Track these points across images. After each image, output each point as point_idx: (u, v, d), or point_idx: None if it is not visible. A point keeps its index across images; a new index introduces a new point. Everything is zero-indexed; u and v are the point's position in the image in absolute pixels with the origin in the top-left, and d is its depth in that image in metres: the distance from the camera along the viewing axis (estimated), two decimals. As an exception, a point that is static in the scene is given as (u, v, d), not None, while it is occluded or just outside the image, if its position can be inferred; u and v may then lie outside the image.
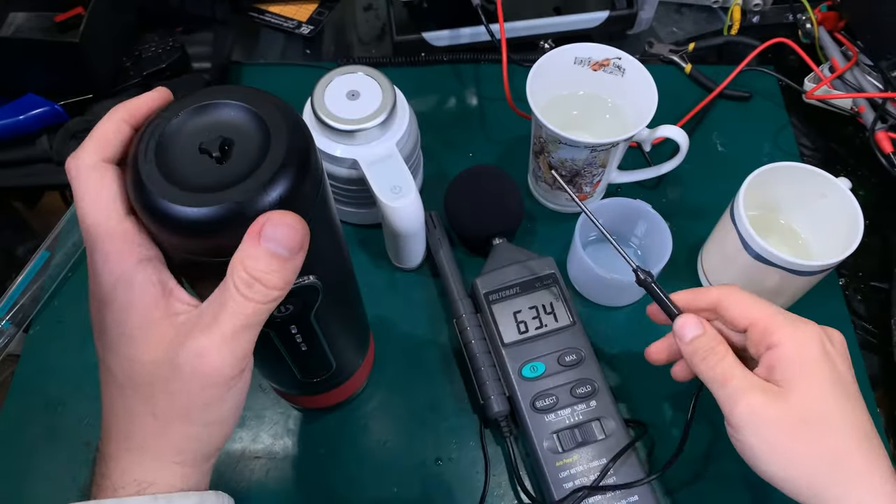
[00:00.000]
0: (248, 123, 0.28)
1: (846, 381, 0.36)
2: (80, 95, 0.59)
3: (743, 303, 0.38)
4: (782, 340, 0.36)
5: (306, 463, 0.47)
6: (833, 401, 0.35)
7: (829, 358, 0.36)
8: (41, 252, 0.55)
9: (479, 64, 0.68)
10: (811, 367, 0.35)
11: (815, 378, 0.35)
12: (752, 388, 0.36)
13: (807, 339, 0.36)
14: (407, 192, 0.47)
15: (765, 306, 0.38)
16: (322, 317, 0.35)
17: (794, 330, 0.36)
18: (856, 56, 0.63)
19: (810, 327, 0.36)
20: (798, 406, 0.35)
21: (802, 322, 0.37)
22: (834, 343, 0.37)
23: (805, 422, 0.35)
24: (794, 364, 0.35)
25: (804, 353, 0.36)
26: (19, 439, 0.48)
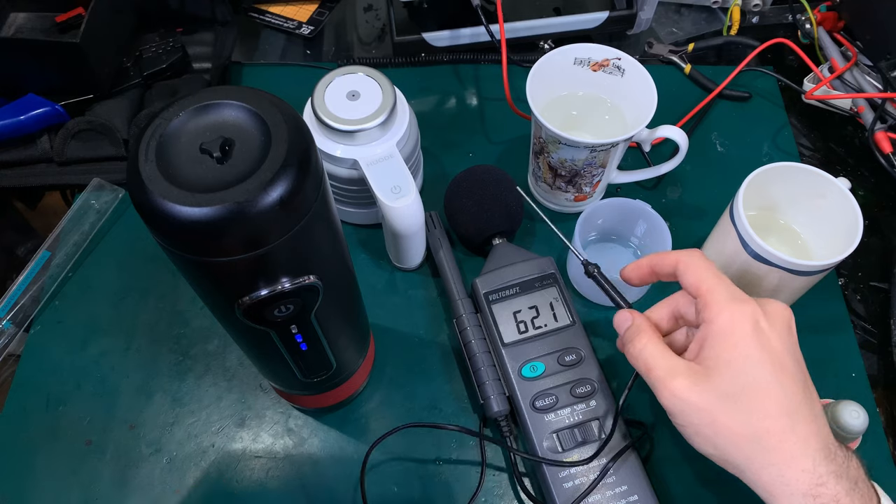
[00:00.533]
0: (249, 124, 0.28)
1: (778, 357, 0.35)
2: (80, 96, 0.60)
3: (694, 270, 0.38)
4: (713, 317, 0.36)
5: (306, 462, 0.48)
6: (760, 378, 0.34)
7: (759, 334, 0.35)
8: (42, 252, 0.55)
9: (479, 64, 0.68)
10: (737, 345, 0.35)
11: (741, 356, 0.35)
12: (673, 374, 0.36)
13: (737, 316, 0.35)
14: (407, 192, 0.47)
15: (711, 278, 0.37)
16: (322, 316, 0.35)
17: (727, 306, 0.36)
18: (855, 56, 0.63)
19: (744, 304, 0.36)
20: (721, 387, 0.35)
21: (739, 299, 0.36)
22: (772, 319, 0.36)
23: (728, 402, 0.34)
24: (719, 341, 0.35)
25: (731, 331, 0.35)
26: (20, 439, 0.48)
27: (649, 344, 0.38)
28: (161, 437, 0.48)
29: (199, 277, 0.30)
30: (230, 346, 0.52)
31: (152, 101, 0.62)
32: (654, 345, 0.38)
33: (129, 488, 0.46)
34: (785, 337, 0.36)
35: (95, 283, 0.55)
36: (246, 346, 0.39)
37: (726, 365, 0.35)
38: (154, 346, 0.52)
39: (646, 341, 0.38)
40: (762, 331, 0.35)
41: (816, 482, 0.33)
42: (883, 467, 0.47)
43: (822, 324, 0.53)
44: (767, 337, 0.35)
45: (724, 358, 0.35)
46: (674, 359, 0.37)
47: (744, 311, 0.36)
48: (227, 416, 0.49)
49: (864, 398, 0.49)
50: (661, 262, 0.41)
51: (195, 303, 0.54)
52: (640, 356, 0.38)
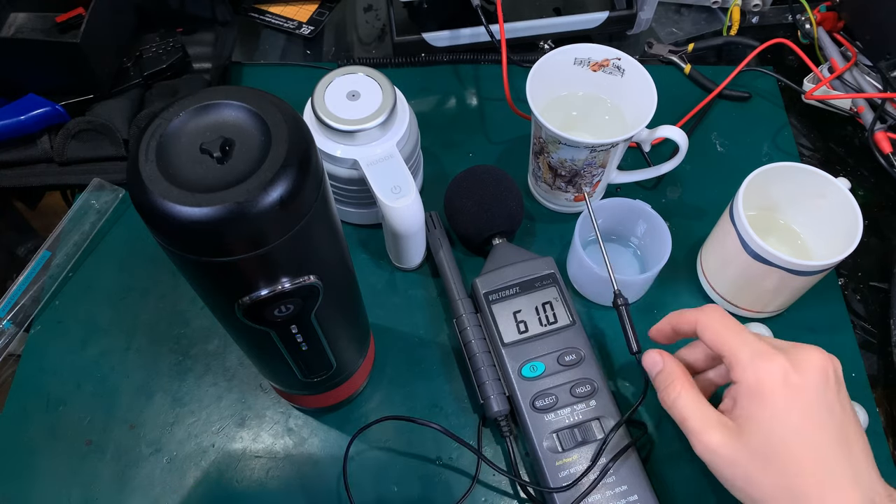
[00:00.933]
0: (249, 124, 0.28)
1: (812, 412, 0.34)
2: (80, 96, 0.60)
3: (713, 330, 0.38)
4: (740, 377, 0.36)
5: (306, 462, 0.48)
6: (792, 437, 0.34)
7: (788, 391, 0.34)
8: (42, 252, 0.56)
9: (479, 64, 0.68)
10: (766, 404, 0.34)
11: (770, 415, 0.34)
12: (706, 428, 0.36)
13: (762, 374, 0.35)
14: (407, 193, 0.47)
15: (731, 337, 0.37)
16: (322, 316, 0.35)
17: (754, 364, 0.35)
18: (855, 56, 0.63)
19: (771, 361, 0.35)
20: (754, 444, 0.34)
21: (766, 355, 0.35)
22: (803, 371, 0.35)
23: (763, 461, 0.34)
24: (749, 401, 0.35)
25: (759, 390, 0.35)
26: (20, 439, 0.48)
27: (683, 392, 0.38)
28: (161, 437, 0.48)
29: (199, 277, 0.30)
30: (230, 346, 0.52)
31: (152, 101, 0.62)
32: (687, 393, 0.38)
33: (129, 488, 0.46)
34: (818, 388, 0.35)
35: (95, 283, 0.55)
36: (246, 346, 0.39)
37: (756, 424, 0.34)
38: (154, 346, 0.52)
39: (679, 389, 0.38)
40: (792, 386, 0.34)
41: None
42: (883, 467, 0.47)
43: (822, 324, 0.53)
44: (797, 392, 0.34)
45: (754, 417, 0.35)
46: (708, 410, 0.37)
47: (770, 368, 0.35)
48: (227, 416, 0.49)
49: (864, 398, 0.49)
50: (680, 321, 0.40)
51: (195, 303, 0.54)
52: (675, 405, 0.38)
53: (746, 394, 0.35)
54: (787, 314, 0.53)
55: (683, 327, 0.40)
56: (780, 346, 0.36)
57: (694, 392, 0.38)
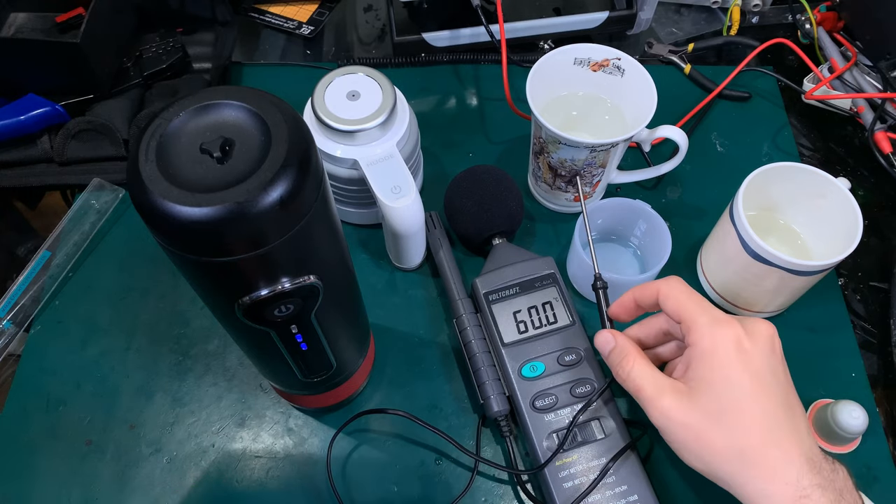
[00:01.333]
0: (249, 124, 0.28)
1: (759, 376, 0.36)
2: (80, 96, 0.60)
3: (675, 298, 0.40)
4: (696, 340, 0.38)
5: (306, 462, 0.48)
6: (742, 397, 0.36)
7: (741, 355, 0.36)
8: (42, 252, 0.56)
9: (479, 64, 0.68)
10: (719, 366, 0.36)
11: (724, 376, 0.36)
12: (660, 393, 0.38)
13: (718, 339, 0.37)
14: (407, 193, 0.47)
15: (692, 304, 0.39)
16: (322, 316, 0.35)
17: (709, 331, 0.37)
18: (855, 56, 0.63)
19: (726, 327, 0.37)
20: (705, 405, 0.36)
21: (720, 322, 0.38)
22: (754, 339, 0.37)
23: (713, 421, 0.36)
24: (703, 363, 0.37)
25: (714, 353, 0.37)
26: (20, 439, 0.48)
27: (636, 365, 0.40)
28: (161, 437, 0.48)
29: (199, 277, 0.30)
30: (230, 346, 0.52)
31: (152, 101, 0.62)
32: (640, 366, 0.40)
33: (129, 488, 0.46)
34: (767, 355, 0.37)
35: (95, 283, 0.55)
36: (246, 346, 0.39)
37: (709, 385, 0.37)
38: (154, 346, 0.52)
39: (633, 363, 0.40)
40: (744, 351, 0.37)
41: (800, 494, 0.34)
42: (883, 467, 0.47)
43: (822, 324, 0.53)
44: (749, 357, 0.37)
45: (706, 378, 0.37)
46: (660, 378, 0.39)
47: (725, 333, 0.37)
48: (227, 416, 0.49)
49: (864, 398, 0.49)
50: (643, 293, 0.42)
51: (195, 303, 0.54)
52: (629, 378, 0.40)
53: (701, 356, 0.37)
54: (787, 314, 0.53)
55: (646, 300, 0.42)
56: (734, 317, 0.38)
57: (646, 363, 0.40)
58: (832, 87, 0.64)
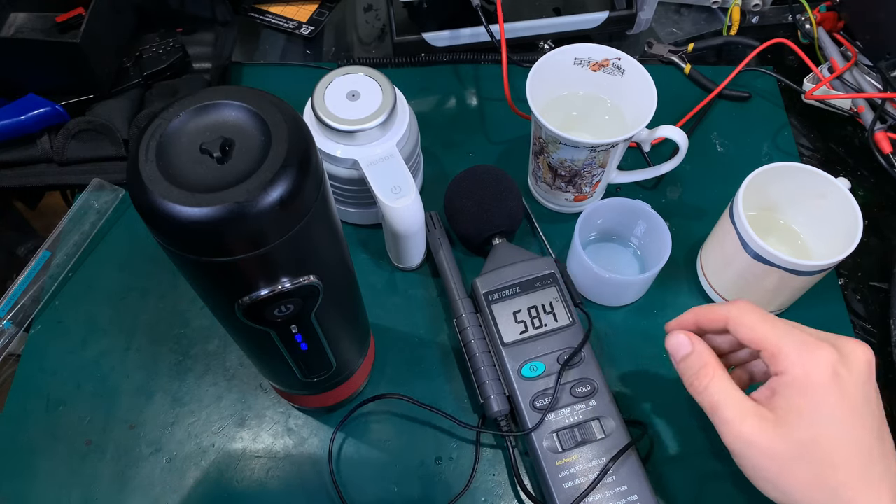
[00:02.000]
0: (249, 124, 0.28)
1: (855, 406, 0.33)
2: (80, 96, 0.60)
3: (750, 324, 0.36)
4: (786, 368, 0.34)
5: (306, 462, 0.48)
6: (836, 431, 0.33)
7: (838, 382, 0.33)
8: (42, 252, 0.56)
9: (479, 64, 0.68)
10: (813, 394, 0.33)
11: (816, 404, 0.33)
12: (743, 417, 0.35)
13: (813, 365, 0.34)
14: (407, 192, 0.47)
15: (772, 328, 0.35)
16: (322, 316, 0.35)
17: (801, 356, 0.34)
18: (855, 56, 0.63)
19: (820, 352, 0.34)
20: (795, 437, 0.33)
21: (812, 346, 0.34)
22: (850, 364, 0.34)
23: (802, 453, 0.33)
24: (794, 390, 0.34)
25: (807, 381, 0.34)
26: (20, 439, 0.48)
27: (716, 379, 0.36)
28: (161, 437, 0.48)
29: (199, 277, 0.30)
30: (230, 346, 0.52)
31: (152, 101, 0.62)
32: (720, 380, 0.36)
33: (129, 488, 0.46)
34: (863, 382, 0.34)
35: (95, 283, 0.55)
36: (246, 346, 0.39)
37: (799, 414, 0.33)
38: (154, 346, 0.52)
39: (712, 375, 0.37)
40: (840, 378, 0.33)
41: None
42: (883, 467, 0.47)
43: (822, 324, 0.52)
44: (845, 385, 0.33)
45: (797, 407, 0.33)
46: (743, 399, 0.35)
47: (819, 359, 0.34)
48: (227, 416, 0.49)
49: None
50: (707, 318, 0.39)
51: (195, 303, 0.54)
52: (706, 392, 0.36)
53: (792, 384, 0.34)
54: (787, 314, 0.53)
55: (711, 325, 0.39)
56: (824, 338, 0.35)
57: (727, 378, 0.36)
58: (832, 87, 0.64)
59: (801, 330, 0.36)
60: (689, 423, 0.48)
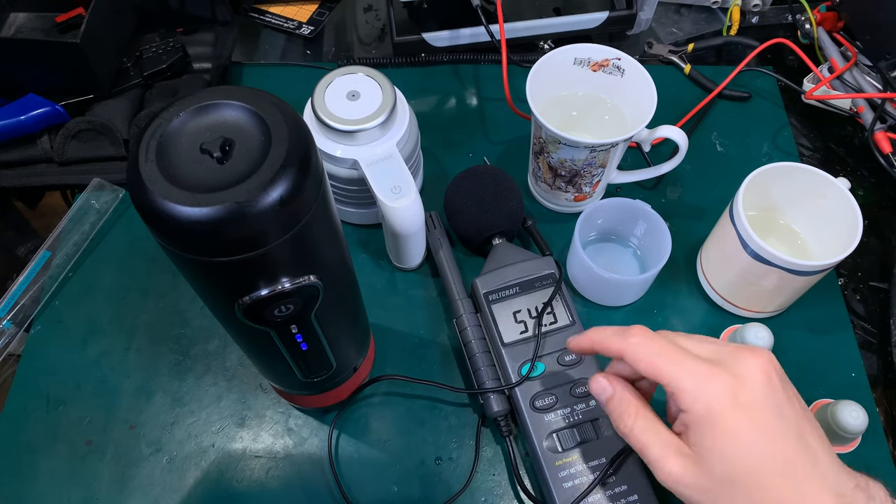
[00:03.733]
0: (249, 124, 0.28)
1: (768, 423, 0.33)
2: (80, 96, 0.60)
3: (645, 360, 0.36)
4: (688, 406, 0.34)
5: (306, 462, 0.48)
6: (753, 455, 0.33)
7: (741, 410, 0.33)
8: (42, 252, 0.56)
9: (479, 64, 0.68)
10: (721, 429, 0.33)
11: (727, 439, 0.33)
12: (667, 455, 0.35)
13: (711, 398, 0.33)
14: (407, 193, 0.47)
15: (665, 363, 0.35)
16: (322, 316, 0.35)
17: (697, 392, 0.34)
18: (855, 56, 0.63)
19: (713, 383, 0.33)
20: (716, 472, 0.33)
21: (706, 377, 0.34)
22: (748, 383, 0.33)
23: (728, 485, 0.33)
24: (702, 430, 0.33)
25: (711, 416, 0.33)
26: (20, 439, 0.48)
27: (639, 419, 0.36)
28: (161, 437, 0.48)
29: (199, 277, 0.30)
30: (230, 346, 0.52)
31: (152, 101, 0.62)
32: (643, 420, 0.36)
33: (129, 488, 0.46)
34: (766, 395, 0.34)
35: (95, 283, 0.55)
36: (246, 346, 0.39)
37: (711, 450, 0.33)
38: (154, 346, 0.52)
39: (634, 416, 0.37)
40: (741, 405, 0.33)
41: None
42: (883, 467, 0.47)
43: (822, 324, 0.53)
44: (749, 408, 0.33)
45: (709, 443, 0.33)
46: (666, 436, 0.35)
47: (716, 393, 0.33)
48: (227, 416, 0.49)
49: (864, 398, 0.49)
50: (604, 348, 0.38)
51: (195, 303, 0.54)
52: (631, 433, 0.36)
53: (698, 423, 0.34)
54: (787, 314, 0.53)
55: (608, 353, 0.38)
56: (717, 360, 0.35)
57: (649, 417, 0.37)
58: (832, 87, 0.64)
59: (693, 359, 0.35)
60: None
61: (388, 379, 0.50)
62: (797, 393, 0.35)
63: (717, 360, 0.35)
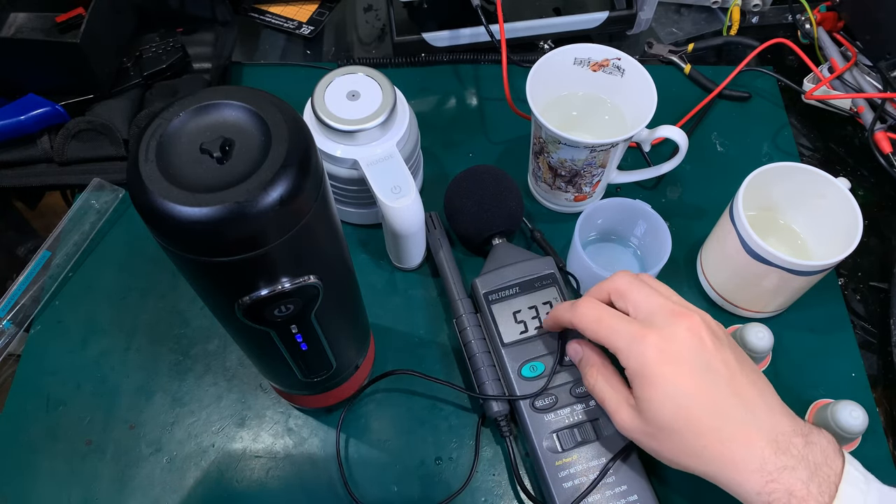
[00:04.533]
0: (249, 124, 0.28)
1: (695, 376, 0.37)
2: (80, 96, 0.60)
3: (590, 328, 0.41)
4: (626, 363, 0.39)
5: (306, 462, 0.48)
6: (683, 405, 0.36)
7: (668, 364, 0.37)
8: (42, 252, 0.56)
9: (479, 64, 0.68)
10: (651, 383, 0.37)
11: (659, 391, 0.37)
12: (618, 407, 0.40)
13: (643, 355, 0.38)
14: (407, 193, 0.47)
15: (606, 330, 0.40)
16: (322, 316, 0.35)
17: (631, 350, 0.38)
18: (855, 56, 0.63)
19: (646, 341, 0.38)
20: (653, 420, 0.38)
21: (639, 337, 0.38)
22: (675, 341, 0.37)
23: (665, 431, 0.37)
24: (639, 384, 0.38)
25: (644, 371, 0.37)
26: (20, 439, 0.48)
27: (599, 377, 0.42)
28: (161, 437, 0.48)
29: (199, 277, 0.30)
30: (230, 346, 0.52)
31: (152, 101, 0.62)
32: (602, 377, 0.42)
33: (129, 488, 0.46)
34: (695, 352, 0.37)
35: (95, 283, 0.55)
36: (246, 346, 0.39)
37: (649, 403, 0.38)
38: (154, 346, 0.52)
39: (596, 374, 0.42)
40: (668, 360, 0.37)
41: (766, 479, 0.34)
42: (883, 467, 0.47)
43: (822, 324, 0.53)
44: (675, 361, 0.37)
45: (645, 397, 0.38)
46: (620, 391, 0.40)
47: (645, 350, 0.37)
48: (227, 416, 0.49)
49: (864, 398, 0.49)
50: (561, 320, 0.44)
51: (195, 303, 0.54)
52: (594, 389, 0.42)
53: (634, 377, 0.38)
54: (787, 314, 0.53)
55: (564, 325, 0.44)
56: (652, 321, 0.39)
57: (608, 374, 0.42)
58: (832, 87, 0.64)
59: (627, 323, 0.39)
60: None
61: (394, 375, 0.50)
62: (736, 350, 0.39)
63: (653, 320, 0.39)
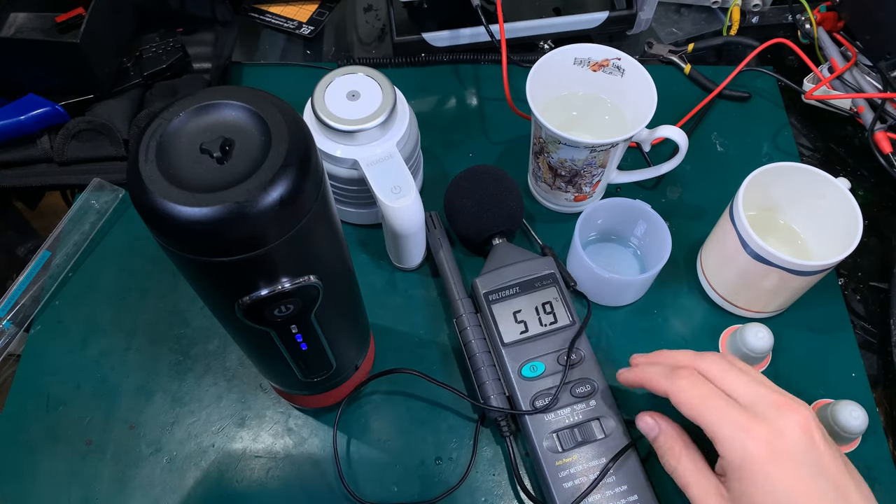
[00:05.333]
0: (249, 124, 0.28)
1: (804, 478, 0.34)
2: (80, 96, 0.60)
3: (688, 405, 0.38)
4: (725, 453, 0.36)
5: (306, 462, 0.48)
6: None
7: (777, 463, 0.34)
8: (42, 252, 0.56)
9: (479, 64, 0.68)
10: (755, 479, 0.34)
11: (760, 489, 0.34)
12: (707, 496, 0.37)
13: (747, 449, 0.35)
14: (407, 193, 0.47)
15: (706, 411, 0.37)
16: (322, 316, 0.35)
17: (734, 441, 0.35)
18: (855, 56, 0.63)
19: (752, 433, 0.35)
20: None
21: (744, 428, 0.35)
22: (787, 437, 0.35)
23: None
24: (738, 478, 0.35)
25: (747, 466, 0.35)
26: (20, 439, 0.48)
27: (683, 458, 0.39)
28: (161, 437, 0.48)
29: (199, 277, 0.30)
30: (230, 346, 0.52)
31: (152, 101, 0.62)
32: (687, 458, 0.39)
33: (129, 488, 0.46)
34: (804, 451, 0.35)
35: (95, 283, 0.55)
36: (246, 346, 0.39)
37: (748, 498, 0.35)
38: (154, 346, 0.52)
39: (679, 455, 0.39)
40: (778, 458, 0.34)
41: None
42: (883, 467, 0.47)
43: (822, 324, 0.53)
44: (785, 461, 0.34)
45: (744, 491, 0.35)
46: (707, 477, 0.38)
47: (752, 444, 0.35)
48: (227, 416, 0.49)
49: (864, 398, 0.49)
50: (651, 386, 0.41)
51: (195, 303, 0.54)
52: (676, 472, 0.39)
53: (734, 470, 0.35)
54: (787, 314, 0.53)
55: (655, 391, 0.41)
56: (758, 409, 0.36)
57: (693, 457, 0.39)
58: (832, 87, 0.64)
59: (734, 408, 0.36)
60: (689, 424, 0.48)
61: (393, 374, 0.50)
62: (840, 451, 0.36)
63: (759, 409, 0.36)
